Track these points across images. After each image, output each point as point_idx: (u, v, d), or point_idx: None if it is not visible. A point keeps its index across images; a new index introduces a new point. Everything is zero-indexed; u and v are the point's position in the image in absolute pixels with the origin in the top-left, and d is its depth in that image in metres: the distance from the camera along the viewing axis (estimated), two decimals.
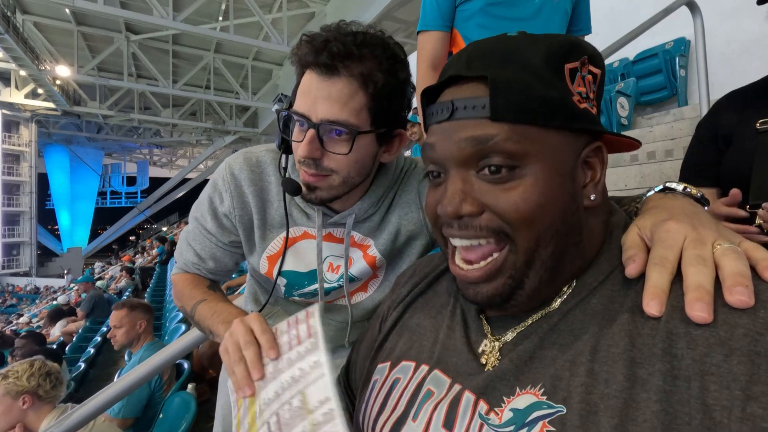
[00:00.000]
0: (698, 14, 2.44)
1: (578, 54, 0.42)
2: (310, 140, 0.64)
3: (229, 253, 0.83)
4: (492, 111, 0.40)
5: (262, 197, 0.78)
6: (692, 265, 0.36)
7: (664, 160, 2.47)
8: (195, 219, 0.82)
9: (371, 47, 0.64)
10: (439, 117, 0.43)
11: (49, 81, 13.33)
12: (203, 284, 0.83)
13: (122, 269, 9.60)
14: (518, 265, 0.41)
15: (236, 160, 0.78)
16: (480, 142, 0.40)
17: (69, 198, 24.12)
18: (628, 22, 2.48)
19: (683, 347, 0.33)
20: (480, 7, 1.17)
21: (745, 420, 0.29)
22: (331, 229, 0.79)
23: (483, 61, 0.42)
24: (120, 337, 2.21)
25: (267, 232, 0.79)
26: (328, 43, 0.62)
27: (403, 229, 0.80)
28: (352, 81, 0.63)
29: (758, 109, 0.85)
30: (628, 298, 0.39)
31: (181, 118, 17.16)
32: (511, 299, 0.43)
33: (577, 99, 0.41)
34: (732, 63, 3.13)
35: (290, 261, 0.81)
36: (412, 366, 0.50)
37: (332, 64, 0.61)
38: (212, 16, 11.13)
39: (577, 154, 0.42)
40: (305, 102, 0.64)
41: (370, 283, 0.85)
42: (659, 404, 0.32)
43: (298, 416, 0.47)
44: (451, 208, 0.42)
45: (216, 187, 0.78)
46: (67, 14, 11.41)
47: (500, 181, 0.40)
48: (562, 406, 0.36)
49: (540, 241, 0.40)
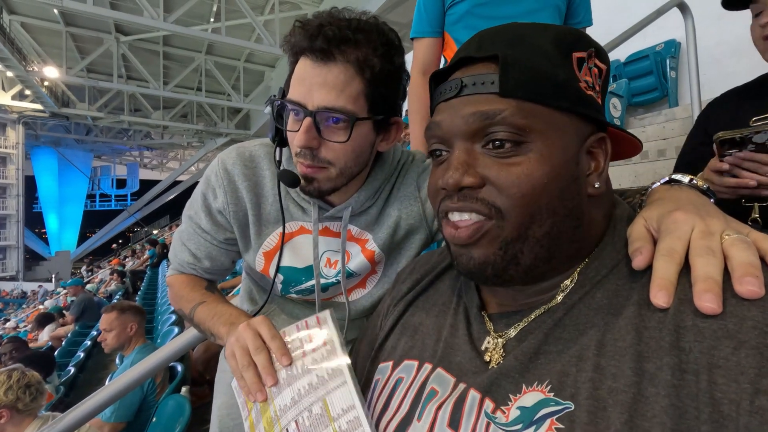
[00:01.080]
0: (689, 16, 2.47)
1: (586, 45, 0.43)
2: (307, 129, 0.62)
3: (224, 251, 0.81)
4: (501, 87, 0.40)
5: (257, 192, 0.76)
6: (701, 255, 0.36)
7: (656, 159, 2.50)
8: (189, 218, 0.80)
9: (366, 32, 0.62)
10: (447, 94, 0.43)
11: (36, 82, 13.14)
12: (201, 285, 0.81)
13: (112, 272, 9.47)
14: (509, 238, 0.41)
15: (229, 155, 0.76)
16: (488, 116, 0.40)
17: (57, 201, 23.80)
18: (620, 24, 2.50)
19: (691, 340, 0.33)
20: (467, 9, 1.18)
21: (754, 413, 0.29)
22: (328, 223, 0.77)
23: (493, 43, 0.42)
24: (110, 340, 2.18)
25: (262, 227, 0.78)
26: (323, 27, 0.60)
27: (402, 223, 0.79)
28: (348, 67, 0.61)
29: (752, 106, 0.86)
30: (633, 291, 0.38)
31: (172, 120, 16.99)
32: (506, 273, 0.42)
33: (584, 86, 0.41)
34: (721, 64, 3.18)
35: (287, 256, 0.79)
36: (415, 365, 0.49)
37: (327, 50, 0.60)
38: (203, 17, 11.06)
39: (581, 141, 0.42)
40: (300, 90, 0.62)
41: (369, 279, 0.84)
42: (668, 399, 0.32)
43: (320, 423, 0.47)
44: (452, 180, 0.41)
45: (209, 183, 0.76)
46: (55, 15, 11.26)
47: (504, 155, 0.40)
48: (570, 402, 0.36)
49: (534, 218, 0.40)
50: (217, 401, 0.98)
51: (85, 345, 4.42)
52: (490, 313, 0.48)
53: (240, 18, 10.16)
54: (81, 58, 13.43)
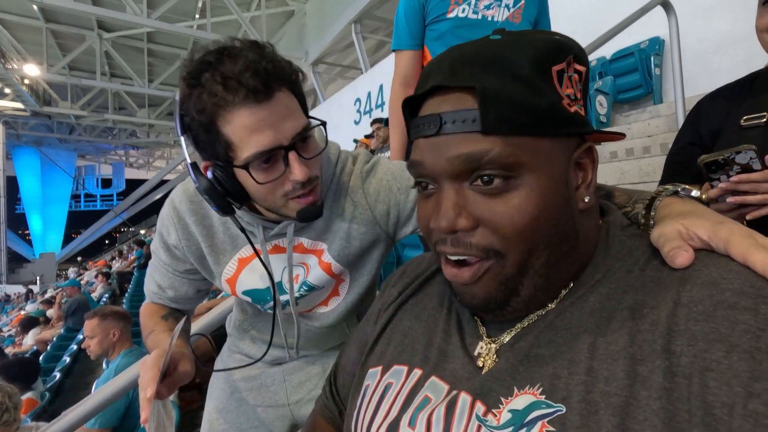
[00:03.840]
0: (673, 14, 2.50)
1: (564, 54, 0.41)
2: (299, 160, 0.62)
3: (186, 281, 0.84)
4: (483, 125, 0.38)
5: (205, 224, 0.78)
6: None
7: (642, 156, 2.53)
8: (153, 252, 0.84)
9: (265, 57, 0.60)
10: (427, 131, 0.41)
11: (17, 80, 12.79)
12: (158, 314, 0.84)
13: (97, 274, 9.31)
14: (509, 275, 0.41)
15: (176, 193, 0.79)
16: (473, 159, 0.38)
17: (40, 201, 23.29)
18: (605, 22, 2.52)
19: (683, 344, 0.33)
20: (448, 29, 1.24)
21: (747, 417, 0.29)
22: (276, 240, 0.78)
23: (468, 69, 0.39)
24: (94, 347, 2.16)
25: (219, 256, 0.79)
26: (243, 74, 0.57)
27: (354, 232, 0.78)
28: (284, 90, 0.61)
29: (743, 104, 0.86)
30: (627, 295, 0.39)
31: (158, 119, 16.73)
32: (507, 305, 0.42)
33: (567, 102, 0.40)
34: (704, 61, 3.23)
35: (248, 280, 0.81)
36: (404, 370, 0.49)
37: (266, 84, 0.58)
38: (188, 13, 10.87)
39: (569, 158, 0.41)
40: (265, 136, 0.59)
41: (340, 286, 0.85)
42: (659, 402, 0.32)
43: None
44: (445, 223, 0.40)
45: (163, 222, 0.80)
46: (34, 11, 10.97)
47: (494, 193, 0.39)
48: (562, 405, 0.36)
49: (532, 252, 0.40)
50: (208, 406, 0.99)
51: (72, 349, 4.34)
52: (483, 318, 0.48)
53: (226, 14, 10.01)
54: (62, 56, 13.11)
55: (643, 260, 0.41)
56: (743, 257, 0.36)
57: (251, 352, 0.95)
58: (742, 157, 0.72)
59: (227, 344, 1.03)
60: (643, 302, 0.37)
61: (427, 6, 1.27)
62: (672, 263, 0.38)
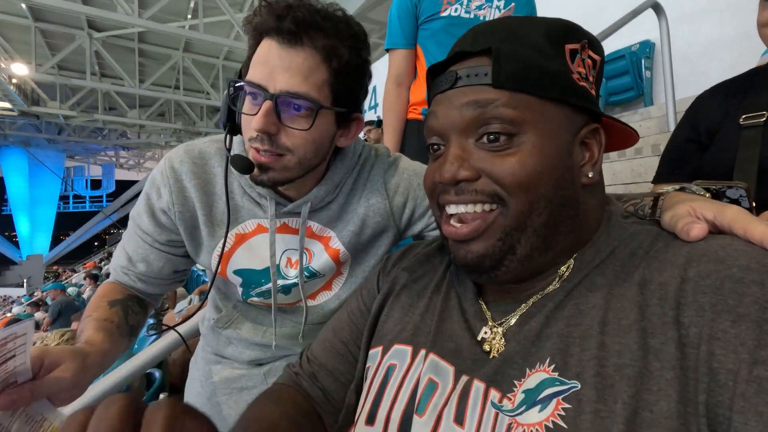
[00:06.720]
0: (663, 17, 2.53)
1: (578, 36, 0.44)
2: (266, 113, 0.59)
3: (164, 255, 0.76)
4: (494, 78, 0.41)
5: (207, 191, 0.72)
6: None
7: (633, 157, 2.55)
8: (132, 218, 0.76)
9: (335, 22, 0.60)
10: (443, 86, 0.44)
11: (4, 79, 12.61)
12: (109, 297, 0.73)
13: (86, 276, 9.19)
14: (509, 228, 0.42)
15: (176, 153, 0.73)
16: (480, 105, 0.41)
17: (28, 203, 22.96)
18: (597, 24, 2.55)
19: (691, 315, 0.34)
20: (441, 27, 1.27)
21: (751, 382, 0.30)
22: (286, 219, 0.74)
23: (487, 37, 0.44)
24: None
25: (215, 228, 0.74)
26: (291, 9, 0.57)
27: (369, 221, 0.76)
28: (315, 53, 0.59)
29: (741, 102, 0.84)
30: (634, 271, 0.39)
31: (148, 119, 16.56)
32: (502, 264, 0.43)
33: (576, 77, 0.42)
34: (693, 63, 3.27)
35: (243, 258, 0.75)
36: (408, 351, 0.48)
37: (296, 32, 0.57)
38: (180, 14, 10.80)
39: (575, 132, 0.43)
40: (261, 72, 0.59)
41: (335, 280, 0.82)
42: (672, 372, 0.33)
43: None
44: (448, 174, 0.43)
45: (154, 183, 0.72)
46: (23, 9, 10.84)
47: (498, 149, 0.41)
48: (576, 381, 0.36)
49: (533, 207, 0.41)
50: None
51: None
52: (487, 301, 0.48)
53: (218, 15, 9.96)
54: (52, 55, 12.95)
55: (647, 243, 0.42)
56: (744, 230, 0.38)
57: (227, 352, 0.90)
58: (732, 193, 0.73)
59: (200, 346, 0.98)
60: (651, 278, 0.38)
61: (419, 6, 1.30)
62: (687, 237, 0.40)
